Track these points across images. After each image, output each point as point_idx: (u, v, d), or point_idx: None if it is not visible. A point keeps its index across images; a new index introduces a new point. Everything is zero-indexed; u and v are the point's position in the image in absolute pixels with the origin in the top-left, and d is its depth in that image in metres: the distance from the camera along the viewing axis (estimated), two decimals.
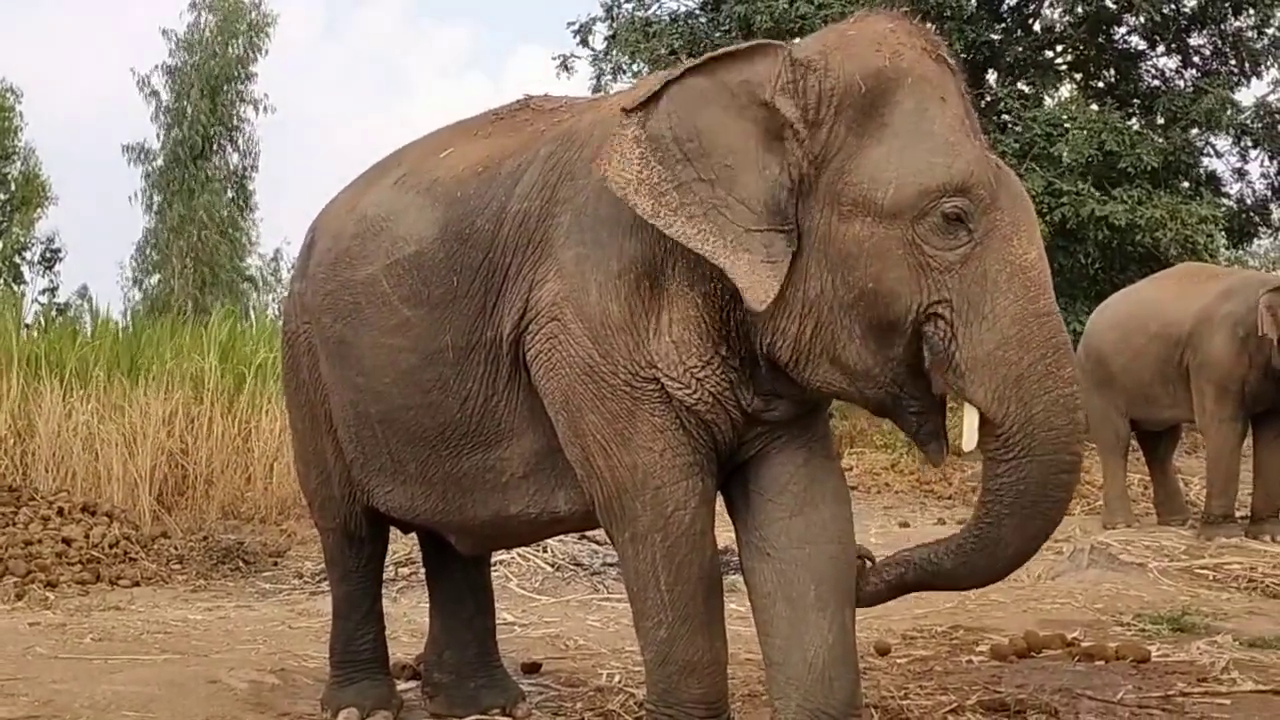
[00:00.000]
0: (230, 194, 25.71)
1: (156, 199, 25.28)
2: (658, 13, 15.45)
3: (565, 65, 15.77)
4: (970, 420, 2.48)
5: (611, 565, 5.97)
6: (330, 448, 3.35)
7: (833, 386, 2.56)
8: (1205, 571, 5.84)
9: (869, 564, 2.78)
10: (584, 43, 15.76)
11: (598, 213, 2.65)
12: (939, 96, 2.47)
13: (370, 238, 3.10)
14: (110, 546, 6.16)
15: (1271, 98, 14.46)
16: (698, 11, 15.39)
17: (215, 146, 25.31)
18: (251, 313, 15.84)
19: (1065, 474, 2.48)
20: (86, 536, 6.17)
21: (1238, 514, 6.92)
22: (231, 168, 25.78)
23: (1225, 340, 6.72)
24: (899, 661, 4.10)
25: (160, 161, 25.18)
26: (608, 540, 5.84)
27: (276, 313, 23.69)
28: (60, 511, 6.34)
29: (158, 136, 25.25)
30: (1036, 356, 2.42)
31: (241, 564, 6.48)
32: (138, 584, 5.88)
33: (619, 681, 3.86)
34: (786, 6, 13.71)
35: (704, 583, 2.64)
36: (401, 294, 2.97)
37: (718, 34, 14.53)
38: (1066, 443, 2.45)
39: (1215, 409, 6.87)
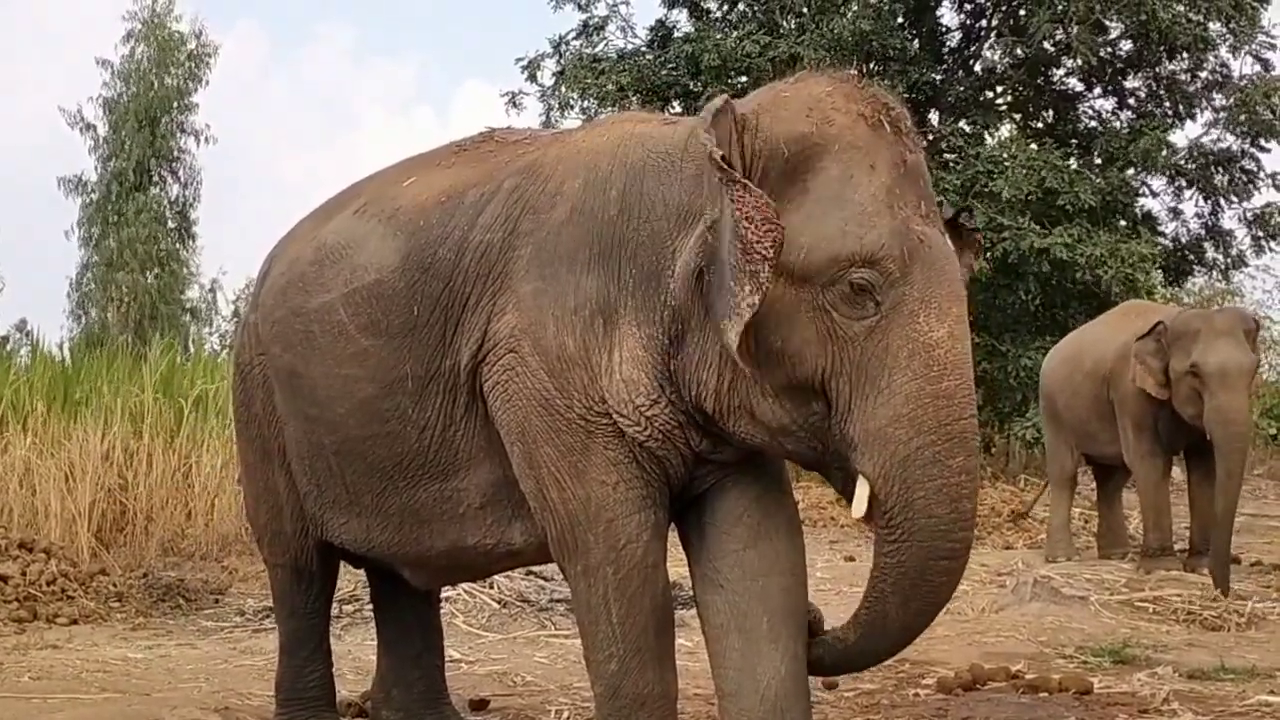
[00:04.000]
0: (171, 224, 25.45)
1: (94, 232, 24.98)
2: (606, 50, 15.59)
3: (514, 102, 15.89)
4: (862, 489, 2.44)
5: (559, 601, 5.94)
6: (283, 481, 3.32)
7: (755, 440, 2.56)
8: (1145, 604, 5.92)
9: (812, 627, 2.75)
10: (532, 79, 15.86)
11: (556, 249, 2.67)
12: (868, 165, 2.43)
13: (329, 265, 3.09)
14: (48, 584, 6.02)
15: (1205, 139, 14.80)
16: (645, 49, 15.54)
17: (154, 178, 25.07)
18: (191, 345, 15.68)
19: (945, 560, 2.43)
20: (23, 573, 6.01)
21: (1176, 547, 7.03)
22: (171, 199, 25.54)
23: None
24: (846, 695, 4.11)
25: (97, 194, 24.90)
26: (556, 575, 5.81)
27: (216, 345, 23.49)
28: None
29: (95, 169, 25.00)
30: (926, 441, 2.37)
31: (182, 601, 6.34)
32: (76, 622, 5.74)
33: (567, 718, 3.84)
34: (733, 46, 13.91)
35: (655, 615, 2.64)
36: (359, 323, 2.96)
37: (664, 71, 14.68)
38: (946, 531, 2.40)
39: (1135, 445, 6.98)
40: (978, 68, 15.58)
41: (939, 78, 14.88)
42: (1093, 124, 15.35)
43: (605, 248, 2.62)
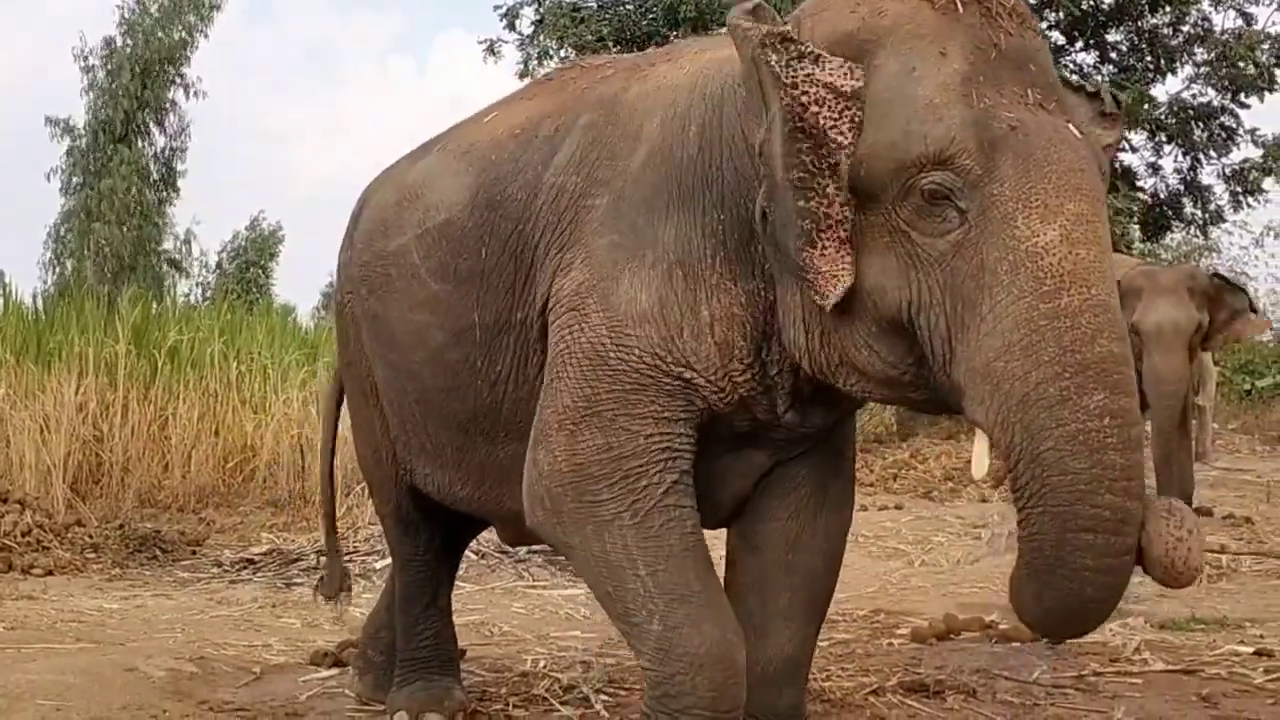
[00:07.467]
0: (155, 177, 25.12)
1: (75, 180, 24.66)
2: None
3: (492, 50, 15.67)
4: (979, 444, 2.01)
5: (536, 553, 5.96)
6: (379, 424, 3.21)
7: (870, 394, 2.24)
8: None
9: None
10: (511, 27, 15.65)
11: (635, 197, 2.39)
12: (936, 52, 2.03)
13: (406, 205, 2.94)
14: (22, 535, 6.01)
15: (1185, 94, 14.80)
16: None
17: (142, 129, 24.73)
18: (166, 296, 15.57)
19: (1087, 534, 1.87)
20: None
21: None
22: (157, 150, 25.20)
23: None
24: (821, 644, 4.10)
25: (83, 139, 24.55)
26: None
27: (198, 296, 23.31)
28: None
29: (86, 111, 24.61)
30: (1048, 374, 1.88)
31: (158, 552, 6.35)
32: (51, 573, 5.74)
33: (544, 667, 3.86)
34: None
35: (690, 557, 2.33)
36: (430, 266, 2.78)
37: (645, 21, 14.55)
38: (1087, 493, 1.86)
39: None
40: None
41: None
42: (1074, 77, 15.29)
43: (686, 191, 2.33)
